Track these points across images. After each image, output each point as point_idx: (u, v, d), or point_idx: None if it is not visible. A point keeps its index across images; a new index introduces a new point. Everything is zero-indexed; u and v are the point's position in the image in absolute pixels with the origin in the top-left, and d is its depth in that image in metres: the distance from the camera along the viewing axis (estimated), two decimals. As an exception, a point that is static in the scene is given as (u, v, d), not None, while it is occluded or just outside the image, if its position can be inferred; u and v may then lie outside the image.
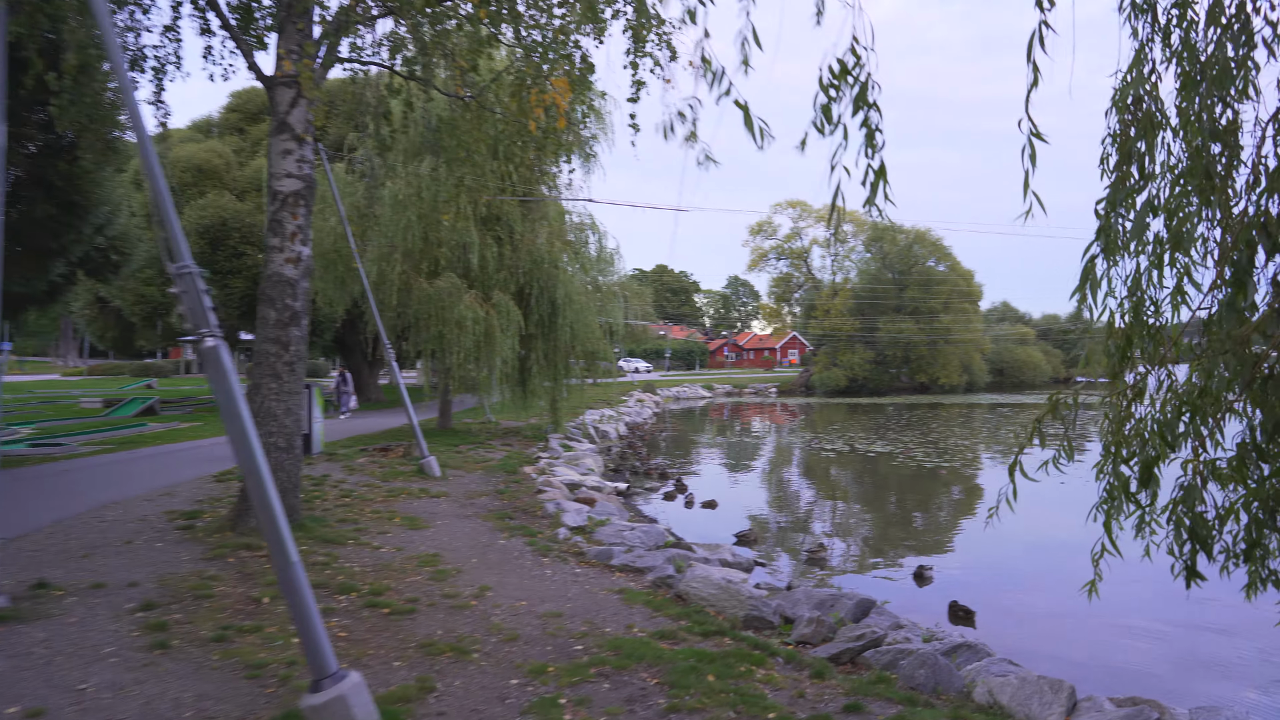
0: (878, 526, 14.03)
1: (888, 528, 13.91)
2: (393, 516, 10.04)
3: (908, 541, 12.86)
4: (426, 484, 12.93)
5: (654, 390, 52.36)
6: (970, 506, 15.95)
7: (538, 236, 20.09)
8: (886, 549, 12.39)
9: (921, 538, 13.14)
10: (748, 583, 8.21)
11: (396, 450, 15.62)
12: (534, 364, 20.73)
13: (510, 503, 11.71)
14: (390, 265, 18.56)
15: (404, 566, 7.59)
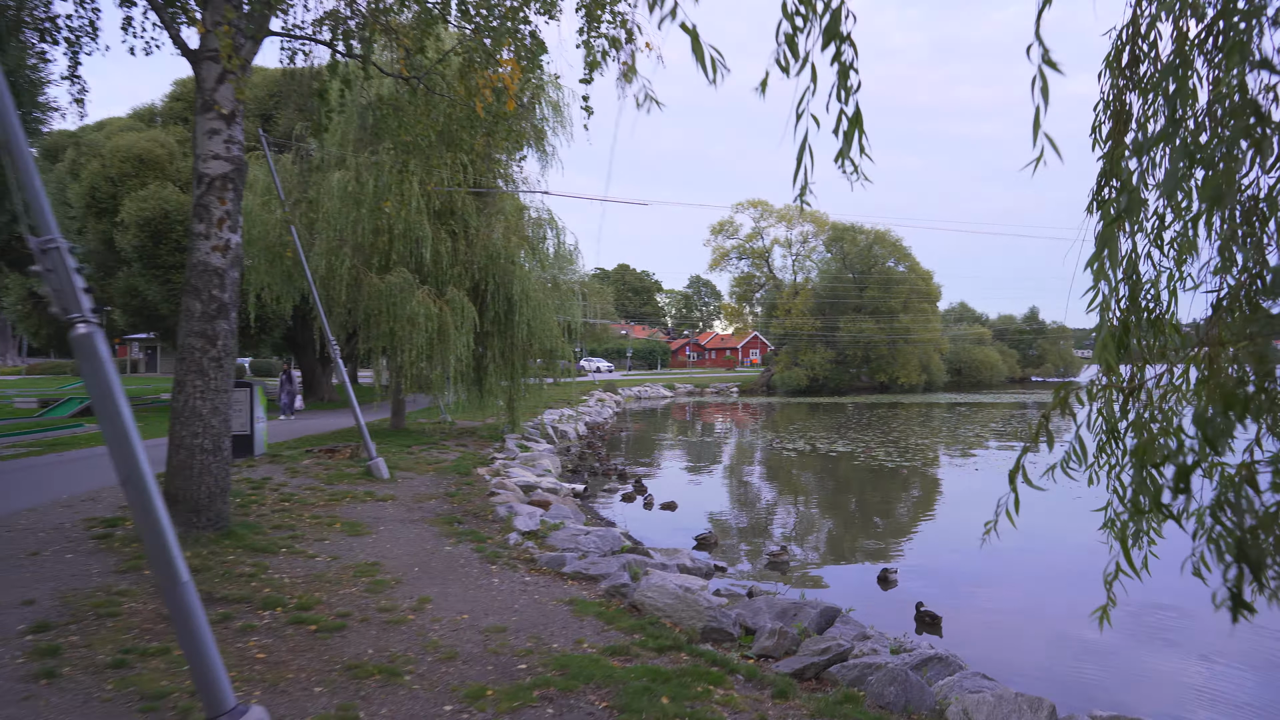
0: (840, 527, 13.75)
1: (850, 528, 13.65)
2: (333, 522, 9.47)
3: (870, 542, 12.60)
4: (373, 487, 12.34)
5: (615, 390, 51.89)
6: (931, 506, 15.77)
7: (494, 231, 19.54)
8: (849, 550, 12.10)
9: (884, 538, 12.89)
10: (706, 590, 7.81)
11: (344, 451, 14.98)
12: (490, 363, 20.18)
13: (460, 506, 11.18)
14: (339, 259, 17.88)
15: (339, 577, 7.05)
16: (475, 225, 19.43)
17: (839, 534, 13.25)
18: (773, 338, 73.51)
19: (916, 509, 15.52)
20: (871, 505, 15.94)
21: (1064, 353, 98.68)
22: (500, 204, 21.03)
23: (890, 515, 14.89)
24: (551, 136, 21.16)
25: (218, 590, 6.23)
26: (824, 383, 62.83)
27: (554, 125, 21.12)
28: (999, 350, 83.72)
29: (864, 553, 11.95)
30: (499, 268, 19.19)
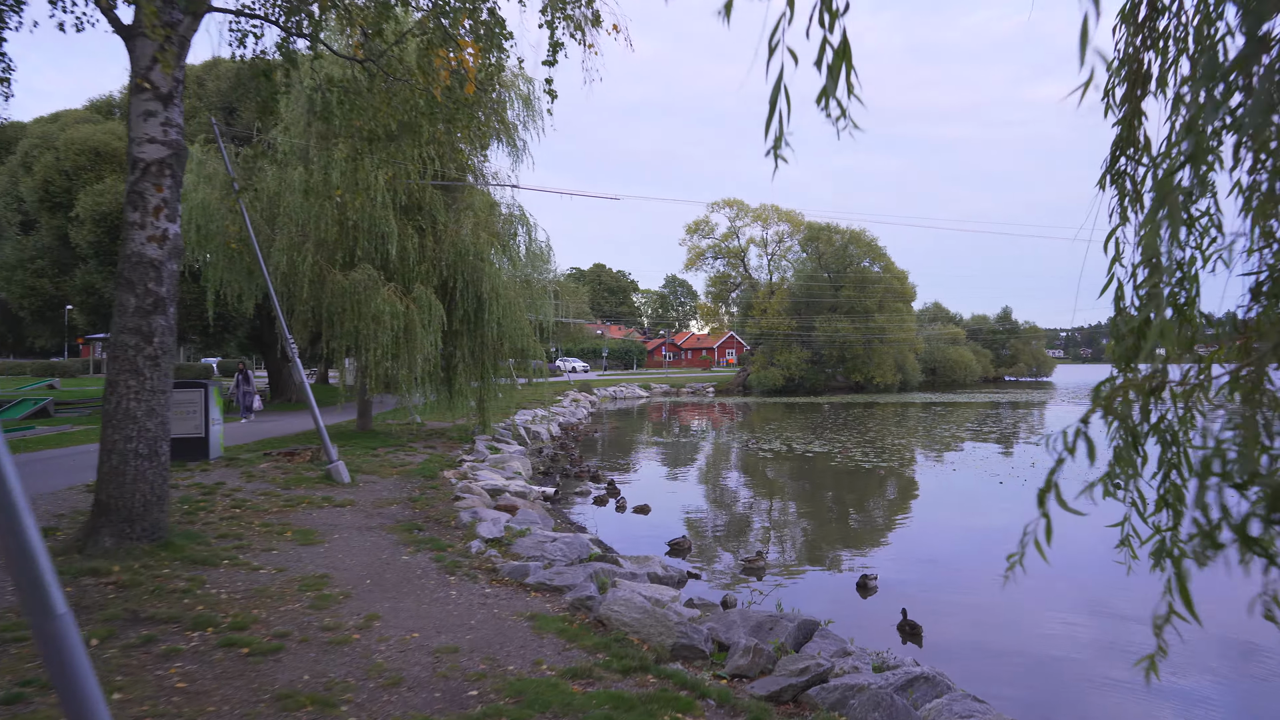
0: (817, 530, 13.41)
1: (827, 531, 13.30)
2: (284, 530, 8.94)
3: (848, 546, 12.25)
4: (332, 491, 11.80)
5: (590, 390, 51.42)
6: (909, 507, 15.48)
7: (463, 227, 19.02)
8: (827, 554, 11.75)
9: (862, 541, 12.55)
10: (678, 601, 7.40)
11: (304, 454, 14.40)
12: (459, 362, 19.67)
13: (422, 512, 10.68)
14: (301, 256, 17.28)
15: (282, 591, 6.55)
16: (443, 221, 18.90)
17: (816, 537, 12.91)
18: (749, 338, 73.39)
19: (894, 510, 15.22)
20: (849, 506, 15.62)
21: (1036, 352, 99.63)
22: (469, 200, 20.51)
23: (868, 517, 14.58)
24: (522, 131, 20.69)
25: (145, 609, 5.72)
26: (800, 383, 62.76)
27: (524, 119, 20.65)
28: (973, 350, 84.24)
29: (842, 556, 11.60)
30: (468, 265, 18.67)
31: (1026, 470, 19.64)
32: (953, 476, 18.95)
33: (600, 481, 18.68)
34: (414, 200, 18.79)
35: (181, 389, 13.91)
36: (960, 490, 17.17)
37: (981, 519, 14.32)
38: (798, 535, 13.04)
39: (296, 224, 17.46)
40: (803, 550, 12.01)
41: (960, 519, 14.31)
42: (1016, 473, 19.20)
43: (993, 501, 15.83)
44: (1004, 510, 14.95)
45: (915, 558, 11.46)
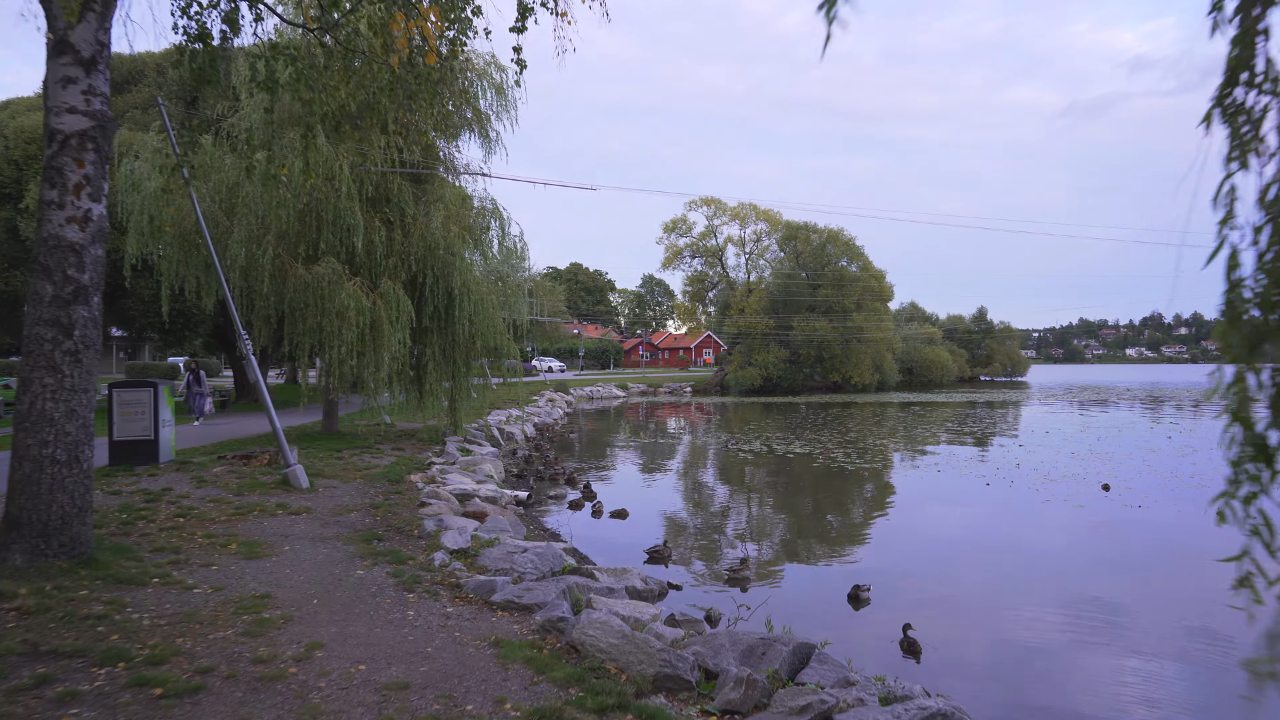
0: (802, 535, 12.82)
1: (812, 536, 12.72)
2: (230, 542, 8.18)
3: (835, 552, 11.67)
4: (288, 498, 11.03)
5: (567, 390, 50.66)
6: (895, 509, 14.94)
7: (432, 221, 18.27)
8: (814, 561, 11.16)
9: (848, 546, 11.98)
10: (659, 620, 6.75)
11: (261, 458, 13.59)
12: (430, 361, 18.92)
13: (383, 520, 9.95)
14: (262, 248, 16.43)
15: (215, 615, 5.82)
16: (413, 214, 18.13)
17: (802, 542, 12.31)
18: (726, 337, 72.94)
19: (880, 514, 14.67)
20: (833, 510, 15.06)
21: (1011, 352, 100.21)
22: (440, 192, 19.77)
23: (853, 521, 14.02)
24: (495, 121, 19.99)
25: (48, 640, 4.97)
26: (778, 382, 62.41)
27: (497, 109, 19.95)
28: (949, 350, 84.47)
29: (830, 564, 11.01)
30: (438, 259, 17.92)
31: (1011, 471, 19.21)
32: (937, 478, 18.47)
33: (576, 485, 18.00)
34: (381, 192, 18.02)
35: (130, 389, 13.07)
36: (946, 492, 16.68)
37: (970, 522, 13.81)
38: (782, 541, 12.44)
39: (256, 215, 16.62)
40: (788, 557, 11.41)
41: (948, 523, 13.79)
42: (1001, 474, 18.76)
43: (980, 505, 15.34)
44: (992, 514, 14.47)
45: (905, 564, 10.89)
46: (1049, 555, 11.38)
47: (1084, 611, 8.83)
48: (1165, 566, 10.88)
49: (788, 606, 8.81)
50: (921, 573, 10.47)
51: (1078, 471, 19.06)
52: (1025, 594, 9.58)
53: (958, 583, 10.05)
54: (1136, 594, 9.54)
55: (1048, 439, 26.91)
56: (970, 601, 9.29)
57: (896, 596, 9.31)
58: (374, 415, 21.98)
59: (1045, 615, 8.72)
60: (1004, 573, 10.54)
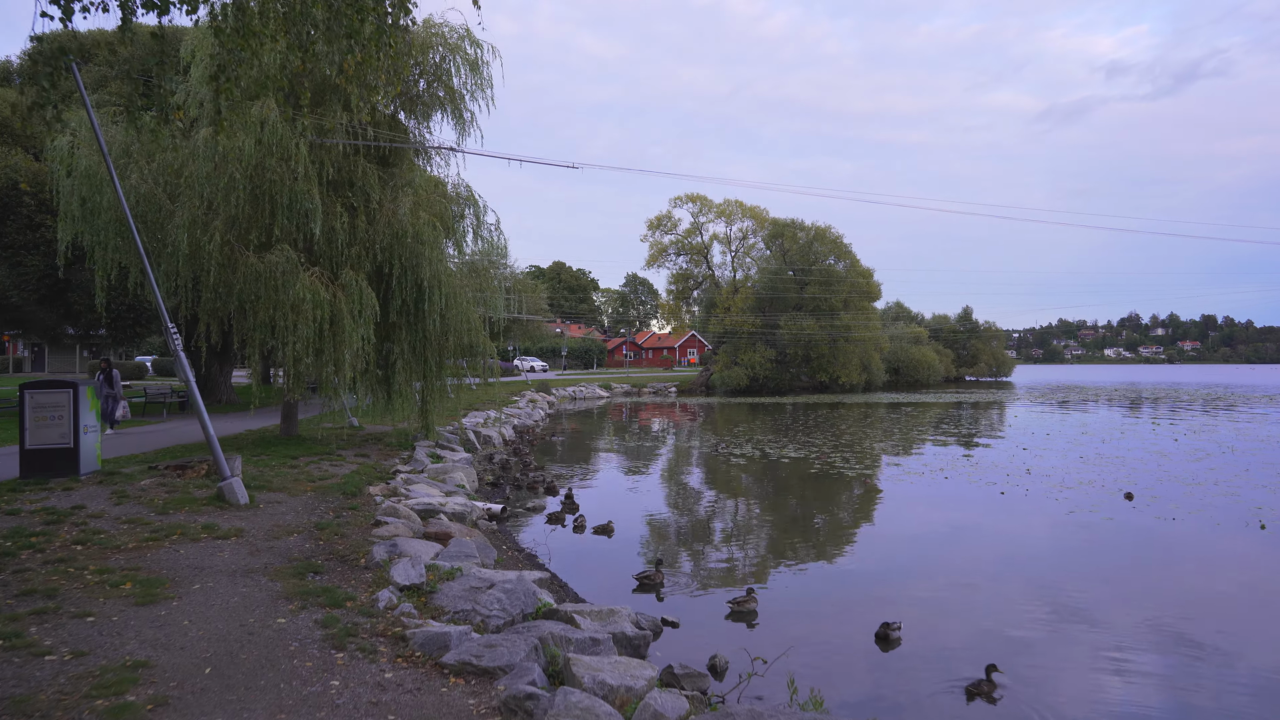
0: (808, 554, 11.44)
1: (820, 556, 11.34)
2: (126, 580, 6.68)
3: (847, 574, 10.30)
4: (220, 516, 9.51)
5: (549, 390, 49.15)
6: (906, 524, 13.61)
7: (400, 206, 16.73)
8: (826, 587, 9.77)
9: (860, 568, 10.61)
10: (655, 684, 5.32)
11: (199, 468, 12.04)
12: (398, 359, 17.38)
13: (327, 545, 8.47)
14: (208, 234, 14.86)
15: (58, 699, 4.33)
16: (378, 198, 16.60)
17: (808, 562, 10.93)
18: (711, 337, 71.66)
19: (891, 528, 13.32)
20: (838, 524, 13.70)
21: (996, 352, 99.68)
22: (409, 176, 18.23)
23: (862, 537, 12.65)
24: (469, 101, 18.46)
25: None
26: (764, 382, 61.19)
27: (471, 88, 18.41)
28: (935, 350, 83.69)
29: (844, 589, 9.63)
30: (406, 248, 16.38)
31: (1022, 478, 17.96)
32: (945, 487, 17.17)
33: (556, 493, 16.56)
34: (344, 174, 16.49)
35: (45, 390, 11.48)
36: (958, 503, 15.37)
37: (994, 539, 12.48)
38: (785, 561, 11.03)
39: (202, 197, 15.03)
40: (795, 582, 10.00)
41: (969, 540, 12.46)
42: (1012, 481, 17.50)
43: (1000, 517, 14.04)
44: (1017, 528, 13.15)
45: (929, 591, 9.54)
46: (1097, 580, 10.05)
47: (1191, 661, 7.49)
48: (1250, 601, 9.54)
49: (806, 650, 7.41)
50: (953, 603, 9.11)
51: (1092, 478, 17.83)
52: (1095, 628, 8.24)
53: (1005, 617, 8.67)
54: (1239, 638, 8.20)
55: (1050, 441, 25.74)
56: (1034, 644, 7.91)
57: (932, 634, 7.94)
58: (339, 418, 20.42)
59: (1143, 660, 7.36)
60: (1053, 599, 9.19)
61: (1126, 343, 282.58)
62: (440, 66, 18.18)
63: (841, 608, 8.93)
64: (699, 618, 8.45)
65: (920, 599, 9.20)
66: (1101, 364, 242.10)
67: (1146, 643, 7.82)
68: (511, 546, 11.16)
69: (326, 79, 16.65)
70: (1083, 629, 8.22)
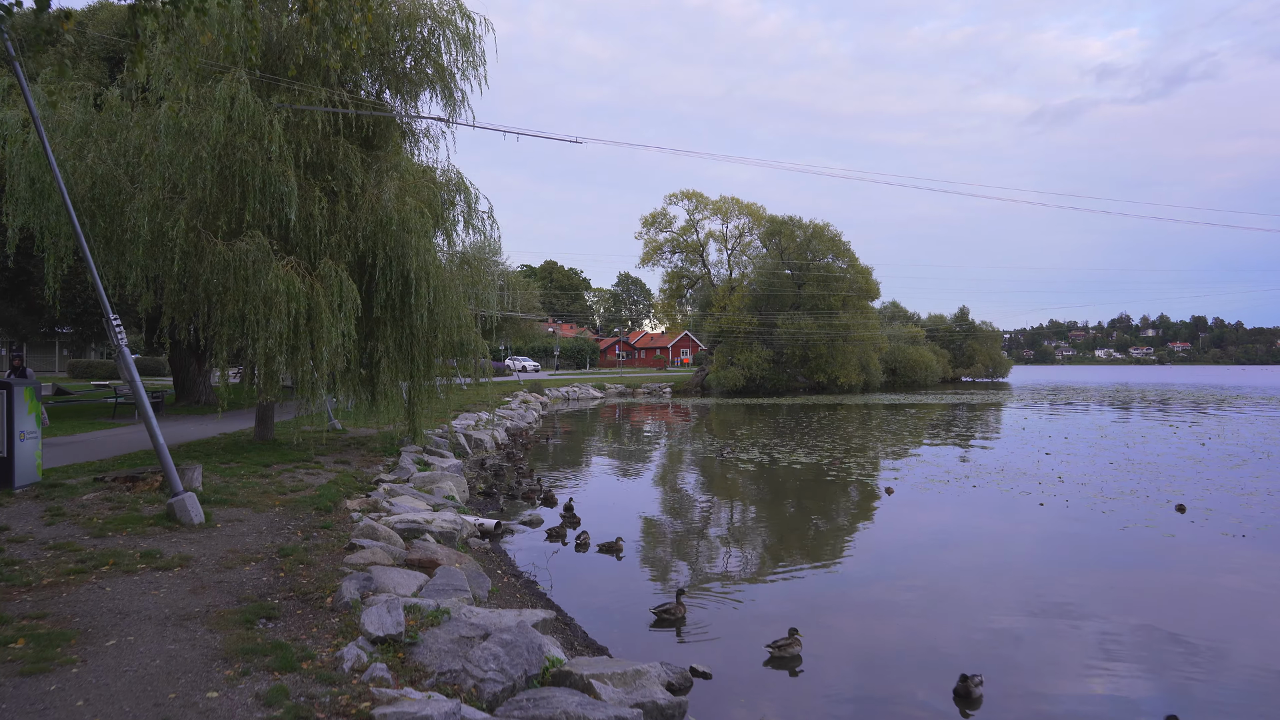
0: (846, 579, 10.11)
1: (861, 580, 10.01)
2: (20, 636, 5.28)
3: (896, 603, 8.97)
4: (166, 540, 8.12)
5: (542, 390, 47.74)
6: (942, 540, 12.30)
7: (384, 191, 15.30)
8: (878, 624, 8.43)
9: (908, 596, 9.29)
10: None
11: (153, 480, 10.62)
12: (383, 357, 15.98)
13: (289, 577, 7.08)
14: (171, 219, 13.43)
15: None
16: (360, 182, 15.19)
17: (849, 589, 9.60)
18: (706, 336, 70.34)
19: (933, 549, 12.00)
20: (875, 541, 12.38)
21: (993, 352, 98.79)
22: (395, 160, 16.83)
23: (904, 557, 11.32)
24: (460, 79, 17.06)
25: None
26: (761, 383, 59.91)
27: (463, 65, 17.02)
28: (932, 350, 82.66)
29: (901, 626, 8.30)
30: (391, 237, 14.97)
31: (1055, 486, 16.71)
32: (976, 497, 15.89)
33: (554, 503, 15.21)
34: (324, 157, 15.10)
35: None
36: (997, 516, 14.09)
37: (1053, 561, 11.17)
38: (823, 589, 9.69)
39: (165, 179, 13.60)
40: (841, 616, 8.65)
41: (1026, 562, 11.14)
42: (1046, 490, 16.23)
43: (1051, 535, 12.75)
44: (1076, 549, 11.84)
45: (1007, 625, 8.22)
46: (1204, 615, 8.75)
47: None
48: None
49: (870, 711, 6.08)
50: (1040, 644, 7.77)
51: (1133, 487, 16.58)
52: (1256, 684, 6.93)
53: (1122, 669, 7.35)
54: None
55: (1070, 446, 24.51)
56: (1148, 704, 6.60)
57: (1025, 688, 6.61)
58: (320, 421, 18.99)
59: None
60: (1170, 646, 7.89)
61: (1117, 344, 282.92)
62: (429, 41, 16.80)
63: (901, 650, 7.58)
64: (734, 664, 7.10)
65: (994, 638, 7.87)
66: (1093, 365, 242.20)
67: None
68: (508, 571, 9.79)
69: (303, 50, 15.28)
70: (1241, 686, 6.92)
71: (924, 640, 7.78)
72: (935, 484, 17.33)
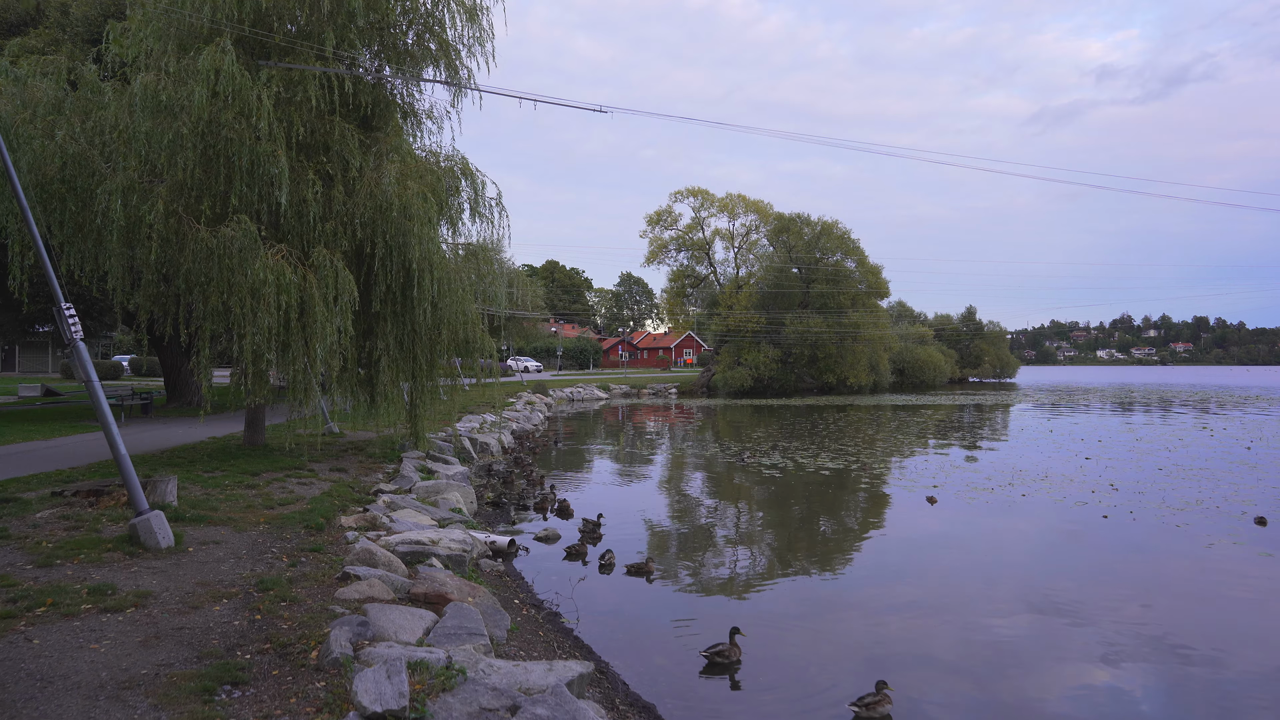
0: (918, 609, 8.81)
1: (938, 609, 8.72)
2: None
3: (998, 645, 7.68)
4: (124, 571, 6.83)
5: (546, 391, 46.47)
6: (1008, 556, 11.01)
7: (383, 175, 14.01)
8: (978, 668, 7.13)
9: (1008, 632, 8.00)
10: None
11: (119, 494, 9.33)
12: (383, 355, 14.70)
13: (266, 621, 5.79)
14: (149, 203, 12.15)
15: None
16: (358, 165, 13.89)
17: (924, 622, 8.31)
18: (711, 336, 69.09)
19: (1010, 567, 10.72)
20: (934, 563, 11.06)
21: (1001, 353, 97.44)
22: (395, 142, 15.51)
23: (975, 580, 10.01)
24: (466, 56, 15.79)
25: None
26: (768, 383, 58.59)
27: (469, 41, 15.75)
28: (939, 350, 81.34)
29: (1005, 668, 7.01)
30: (391, 224, 13.68)
31: (1110, 495, 15.42)
32: (1027, 506, 14.62)
33: (569, 514, 13.94)
34: (318, 137, 13.82)
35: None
36: (1062, 531, 12.81)
37: (1155, 589, 9.86)
38: (895, 622, 8.39)
39: (140, 158, 12.32)
40: (923, 656, 7.36)
41: (1120, 591, 9.82)
42: (1101, 499, 14.94)
43: (1131, 554, 11.45)
44: (1163, 571, 10.56)
45: (1118, 681, 6.93)
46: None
47: None
48: None
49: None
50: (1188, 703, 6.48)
51: (1197, 496, 15.28)
52: None
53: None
54: None
55: (1107, 450, 23.20)
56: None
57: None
58: (315, 424, 17.68)
59: None
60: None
61: (1119, 344, 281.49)
62: (432, 14, 15.55)
63: (1017, 708, 6.27)
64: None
65: (1131, 688, 6.57)
66: (1095, 365, 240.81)
67: None
68: (527, 600, 8.49)
69: (295, 19, 14.02)
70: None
71: (1033, 680, 6.49)
72: (979, 492, 16.02)
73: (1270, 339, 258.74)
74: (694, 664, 6.89)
